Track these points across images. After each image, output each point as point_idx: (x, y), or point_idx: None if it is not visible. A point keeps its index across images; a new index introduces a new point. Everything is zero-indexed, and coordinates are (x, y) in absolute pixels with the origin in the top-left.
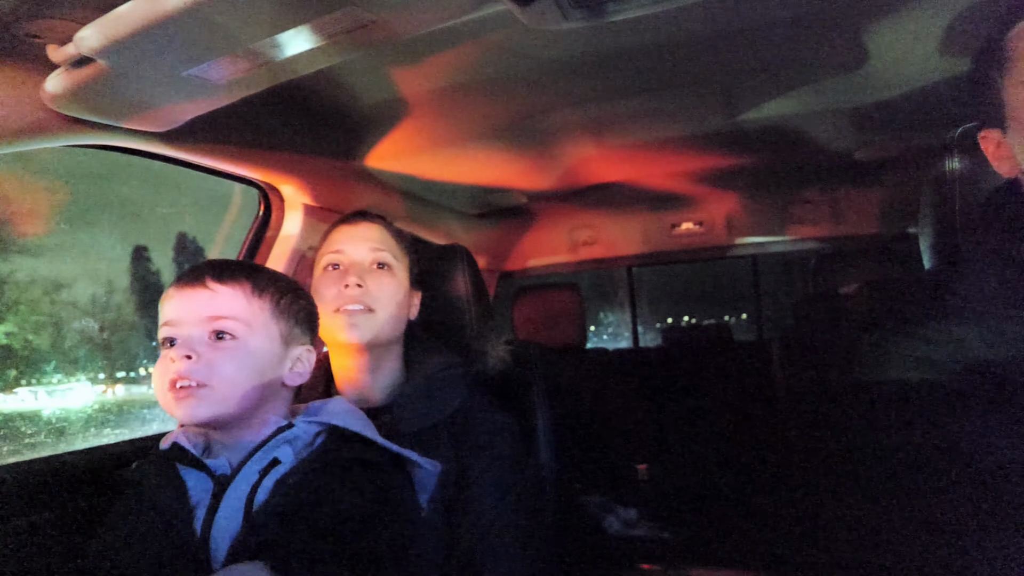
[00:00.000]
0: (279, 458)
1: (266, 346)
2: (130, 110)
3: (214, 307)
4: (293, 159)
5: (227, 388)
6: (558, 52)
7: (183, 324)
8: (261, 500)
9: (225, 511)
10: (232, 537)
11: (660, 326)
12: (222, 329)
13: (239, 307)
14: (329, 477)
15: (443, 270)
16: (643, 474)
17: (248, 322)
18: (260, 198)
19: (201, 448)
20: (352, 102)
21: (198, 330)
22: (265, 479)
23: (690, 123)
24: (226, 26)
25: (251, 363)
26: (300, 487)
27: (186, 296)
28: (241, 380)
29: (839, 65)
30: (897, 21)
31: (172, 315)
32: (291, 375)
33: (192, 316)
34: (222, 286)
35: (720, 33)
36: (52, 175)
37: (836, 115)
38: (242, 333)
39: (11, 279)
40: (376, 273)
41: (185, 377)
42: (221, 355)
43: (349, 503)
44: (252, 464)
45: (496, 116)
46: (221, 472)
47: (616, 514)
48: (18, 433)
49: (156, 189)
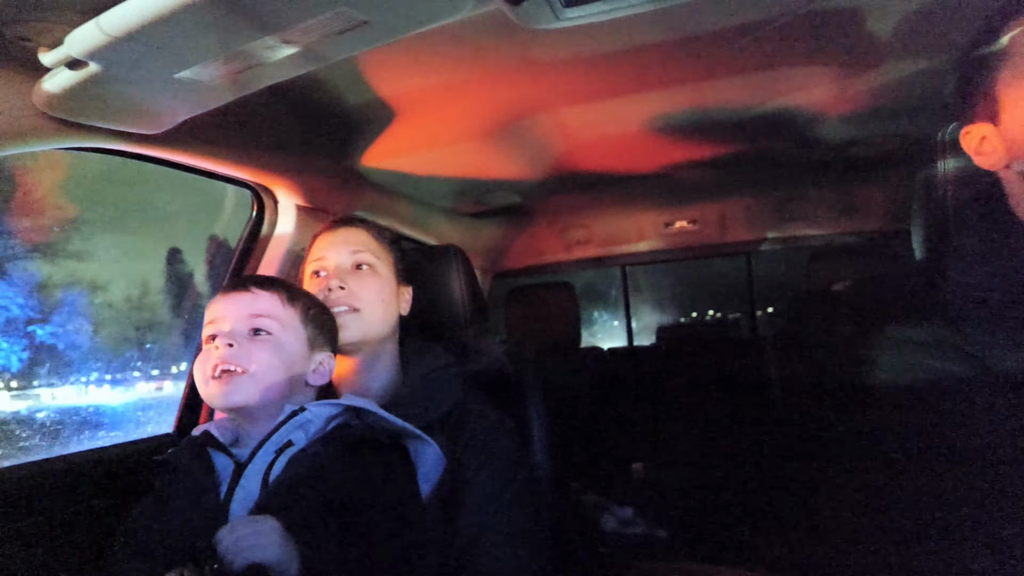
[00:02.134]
0: (293, 440)
1: (296, 346)
2: (122, 112)
3: (254, 307)
4: (286, 160)
5: (261, 376)
6: (551, 51)
7: (226, 320)
8: (275, 476)
9: (244, 486)
10: (249, 508)
11: (682, 320)
12: (260, 327)
13: (276, 309)
14: (338, 455)
15: (437, 270)
16: (638, 472)
17: (282, 322)
18: (253, 199)
19: (229, 439)
20: (344, 103)
21: (240, 325)
22: (280, 458)
23: (684, 122)
24: (218, 28)
25: (282, 357)
26: (310, 464)
27: (231, 298)
28: (273, 371)
29: (833, 63)
30: (894, 19)
31: (216, 314)
32: (314, 375)
33: (235, 314)
34: (262, 291)
35: (711, 32)
36: (90, 182)
37: (830, 112)
38: (276, 331)
39: (51, 281)
40: (358, 274)
41: (227, 361)
42: (258, 346)
43: (352, 480)
44: (268, 446)
45: (489, 115)
46: (243, 458)
47: (612, 512)
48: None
49: (187, 194)
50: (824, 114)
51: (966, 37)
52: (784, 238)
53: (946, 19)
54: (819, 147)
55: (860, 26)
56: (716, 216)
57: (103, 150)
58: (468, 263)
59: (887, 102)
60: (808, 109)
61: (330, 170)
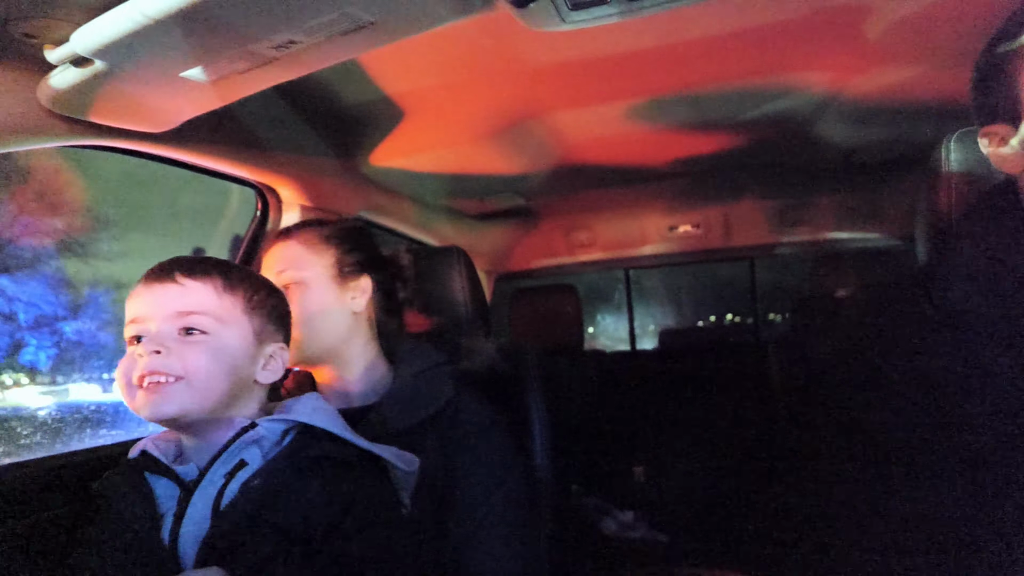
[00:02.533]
0: (246, 459)
1: (238, 342)
2: (127, 111)
3: (184, 302)
4: (290, 160)
5: (197, 382)
6: (556, 52)
7: (151, 320)
8: (227, 503)
9: (192, 517)
10: (199, 544)
11: (700, 323)
12: (192, 325)
13: (210, 302)
14: (296, 477)
15: (440, 271)
16: (640, 476)
17: (219, 317)
18: (257, 199)
19: (172, 455)
20: (350, 103)
21: (167, 325)
22: (231, 482)
23: (688, 125)
24: (224, 27)
25: (222, 359)
26: (266, 488)
27: (154, 291)
28: (212, 376)
29: (838, 66)
30: (897, 22)
31: (139, 311)
32: (264, 373)
33: (160, 311)
34: (192, 280)
35: (718, 35)
36: (115, 182)
37: (835, 117)
38: (213, 328)
39: (77, 279)
40: (290, 293)
41: (154, 372)
42: (191, 349)
43: (317, 504)
44: (218, 467)
45: (493, 116)
46: (190, 478)
47: (613, 516)
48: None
49: (211, 195)
50: (829, 118)
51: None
52: (788, 243)
53: (952, 21)
54: (824, 151)
55: (864, 29)
56: (720, 220)
57: (108, 148)
58: (471, 264)
59: (891, 106)
60: (813, 113)
61: (334, 170)
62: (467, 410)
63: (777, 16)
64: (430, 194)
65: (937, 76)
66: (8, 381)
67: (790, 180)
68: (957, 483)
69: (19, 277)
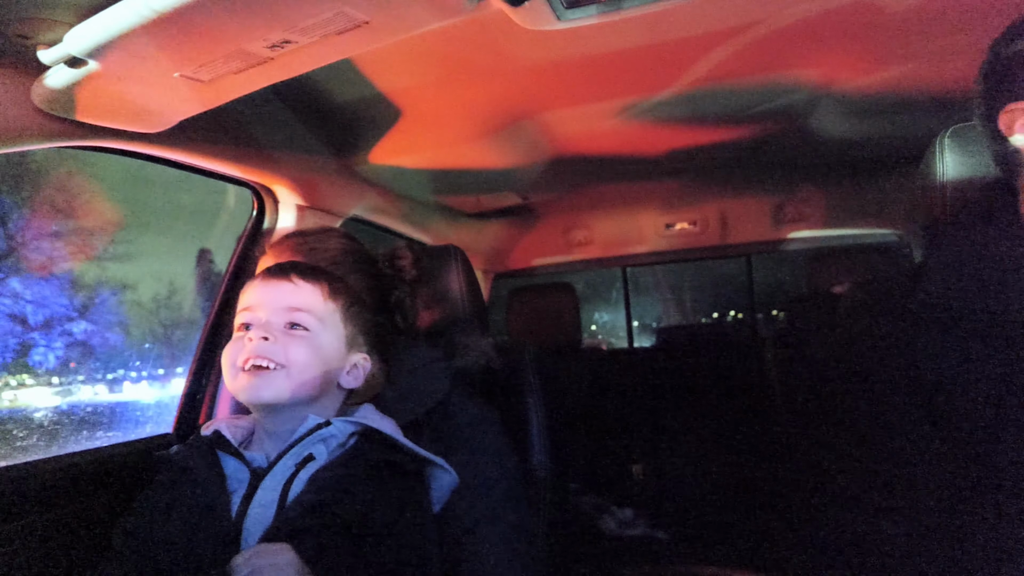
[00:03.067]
0: (314, 454)
1: (333, 345)
2: (121, 111)
3: (295, 299)
4: (286, 159)
5: (295, 373)
6: (552, 51)
7: (263, 309)
8: (295, 492)
9: (260, 501)
10: (264, 526)
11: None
12: (298, 321)
13: (316, 303)
14: (360, 477)
15: (437, 270)
16: (638, 473)
17: (322, 318)
18: (253, 199)
19: (239, 440)
20: (345, 102)
21: (276, 317)
22: (300, 472)
23: (685, 123)
24: (218, 27)
25: (319, 356)
26: (332, 483)
27: (270, 286)
28: (308, 369)
29: (833, 63)
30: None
31: (253, 300)
32: (347, 378)
33: (273, 304)
34: (304, 282)
35: (713, 32)
36: (121, 185)
37: (831, 113)
38: (315, 327)
39: (82, 281)
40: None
41: (261, 356)
42: (295, 341)
43: (376, 504)
44: (288, 458)
45: (490, 115)
46: (257, 464)
47: (611, 514)
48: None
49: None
50: (823, 115)
51: (966, 36)
52: (785, 240)
53: (948, 17)
54: (819, 148)
55: (857, 25)
56: (717, 217)
57: (103, 149)
58: (468, 263)
59: (886, 102)
60: (807, 110)
61: (330, 169)
62: (461, 406)
63: (771, 13)
64: (427, 192)
65: (931, 73)
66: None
67: (786, 177)
68: (946, 477)
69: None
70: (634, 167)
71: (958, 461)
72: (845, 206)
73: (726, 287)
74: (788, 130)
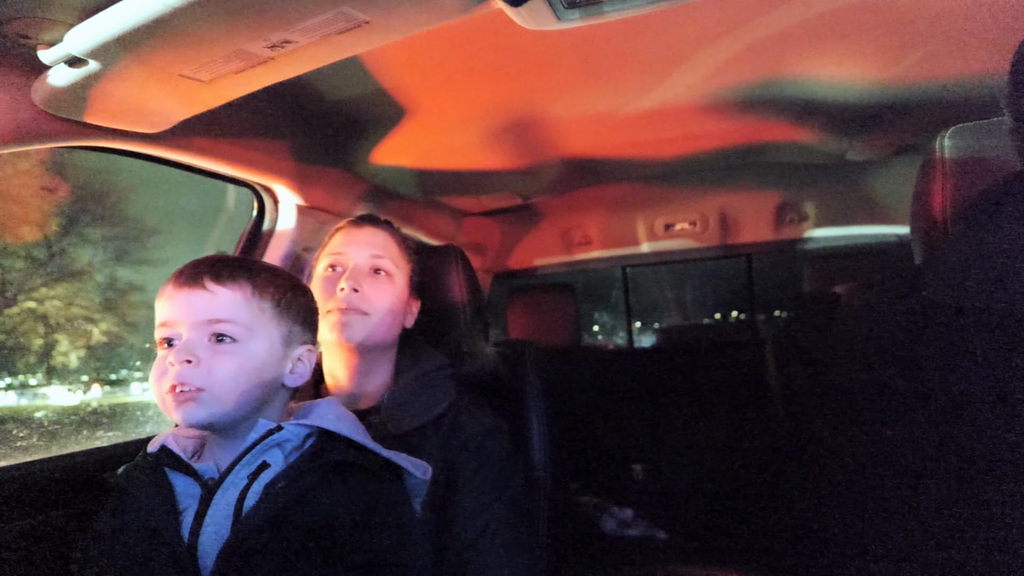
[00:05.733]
0: (268, 461)
1: (267, 348)
2: (121, 111)
3: (213, 310)
4: (287, 159)
5: (227, 392)
6: (552, 50)
7: (181, 325)
8: (250, 505)
9: (213, 517)
10: (220, 544)
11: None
12: (222, 332)
13: (239, 309)
14: (319, 481)
15: (437, 270)
16: (638, 473)
17: (248, 325)
18: (254, 199)
19: (190, 452)
20: (346, 102)
21: (197, 333)
22: (254, 484)
23: (686, 123)
24: (218, 27)
25: (252, 366)
26: (289, 492)
27: (184, 297)
28: (241, 384)
29: (835, 64)
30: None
31: (169, 316)
32: (291, 376)
33: (191, 319)
34: (221, 287)
35: (714, 32)
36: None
37: (832, 113)
38: (242, 336)
39: (88, 285)
40: (374, 278)
41: (185, 383)
42: (221, 359)
43: (340, 508)
44: (240, 468)
45: (490, 115)
46: (209, 476)
47: (612, 514)
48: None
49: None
50: (824, 114)
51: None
52: (785, 240)
53: (951, 21)
54: (820, 148)
55: (858, 25)
56: (717, 217)
57: (103, 149)
58: (468, 263)
59: (888, 102)
60: (809, 109)
61: (331, 169)
62: (469, 415)
63: (771, 13)
64: (427, 192)
65: (932, 72)
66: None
67: (786, 177)
68: (946, 477)
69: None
70: (634, 167)
71: (958, 461)
72: (845, 206)
73: (728, 288)
74: (788, 130)
